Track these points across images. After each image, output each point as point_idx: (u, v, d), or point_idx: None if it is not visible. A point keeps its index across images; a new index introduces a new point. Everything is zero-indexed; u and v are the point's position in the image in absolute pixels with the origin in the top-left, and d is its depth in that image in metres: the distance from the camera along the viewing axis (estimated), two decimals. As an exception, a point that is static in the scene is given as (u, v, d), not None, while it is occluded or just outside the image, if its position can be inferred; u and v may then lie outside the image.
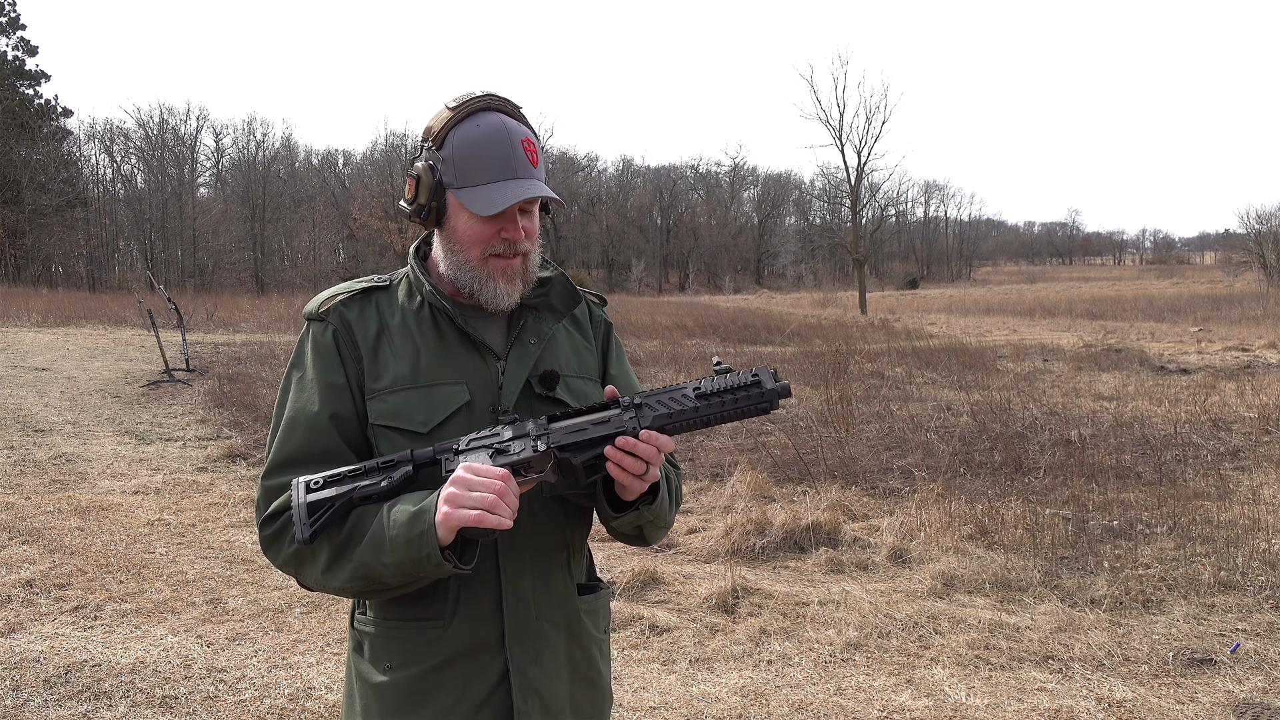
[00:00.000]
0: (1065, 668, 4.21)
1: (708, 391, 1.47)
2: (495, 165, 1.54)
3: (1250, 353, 16.67)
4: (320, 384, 1.57)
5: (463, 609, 1.55)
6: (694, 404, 1.48)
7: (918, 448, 7.93)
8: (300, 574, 1.53)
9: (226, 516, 6.70)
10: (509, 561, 1.57)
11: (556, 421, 1.49)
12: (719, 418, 1.48)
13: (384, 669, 1.57)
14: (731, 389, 1.47)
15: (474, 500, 1.37)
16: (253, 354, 15.93)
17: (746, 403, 1.47)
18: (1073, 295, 42.21)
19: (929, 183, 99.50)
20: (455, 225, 1.58)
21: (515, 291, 1.60)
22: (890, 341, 18.67)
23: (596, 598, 1.71)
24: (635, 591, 5.09)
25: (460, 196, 1.54)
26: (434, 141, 1.57)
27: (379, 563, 1.43)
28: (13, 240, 42.53)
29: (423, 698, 1.55)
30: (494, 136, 1.54)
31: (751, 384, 1.47)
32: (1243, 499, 6.58)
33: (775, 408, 1.48)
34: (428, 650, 1.55)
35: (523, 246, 1.59)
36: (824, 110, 68.17)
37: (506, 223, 1.56)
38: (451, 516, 1.37)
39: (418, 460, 1.46)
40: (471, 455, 1.45)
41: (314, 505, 1.44)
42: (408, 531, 1.40)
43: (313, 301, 1.64)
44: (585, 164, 76.12)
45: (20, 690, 3.96)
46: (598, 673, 1.69)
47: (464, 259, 1.58)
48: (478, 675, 1.56)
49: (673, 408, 1.48)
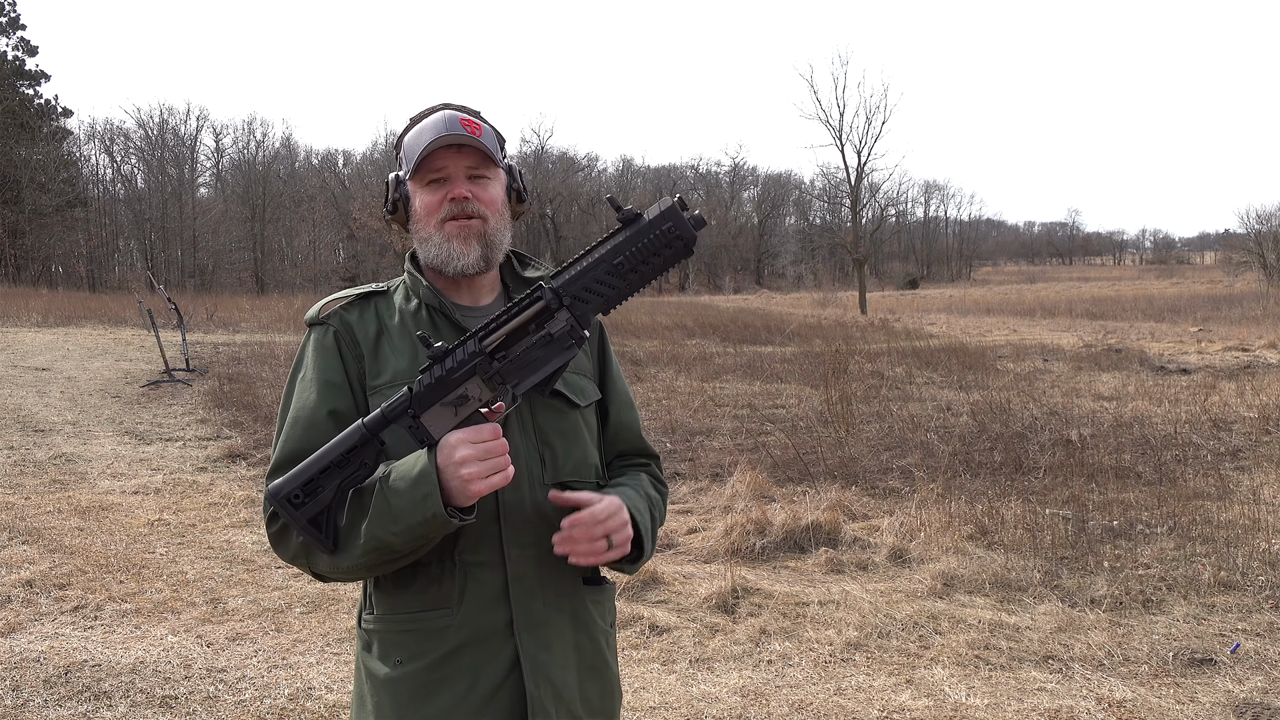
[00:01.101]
0: (1065, 668, 4.21)
1: (628, 259, 1.43)
2: (428, 137, 1.63)
3: (1250, 353, 16.68)
4: (320, 383, 1.62)
5: (469, 595, 1.57)
6: (623, 280, 1.45)
7: (918, 448, 7.93)
8: (312, 562, 1.56)
9: (226, 516, 6.70)
10: (514, 546, 1.59)
11: (494, 346, 1.45)
12: (647, 278, 1.45)
13: (394, 664, 1.59)
14: (646, 239, 1.42)
15: (490, 467, 1.43)
16: (253, 354, 15.93)
17: (670, 253, 1.43)
18: (1073, 295, 42.21)
19: (929, 183, 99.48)
20: (414, 207, 1.68)
21: (471, 252, 1.65)
22: (890, 341, 18.67)
23: (601, 590, 1.72)
24: (635, 591, 5.09)
25: (411, 177, 1.66)
26: (396, 149, 1.73)
27: (388, 532, 1.47)
28: (13, 240, 42.53)
29: (434, 688, 1.56)
30: (432, 121, 1.66)
31: (667, 227, 1.41)
32: (1243, 499, 6.58)
33: (694, 240, 1.43)
34: (436, 640, 1.57)
35: (473, 207, 1.64)
36: (824, 110, 68.04)
37: (450, 187, 1.64)
38: (476, 487, 1.42)
39: (372, 429, 1.46)
40: (433, 414, 1.45)
41: (315, 520, 1.47)
42: (413, 495, 1.44)
43: (313, 308, 1.70)
44: (585, 164, 76.14)
45: (20, 690, 3.96)
46: (605, 664, 1.70)
47: (425, 234, 1.66)
48: (488, 663, 1.57)
49: (605, 292, 1.45)
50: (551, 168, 67.23)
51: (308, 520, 1.46)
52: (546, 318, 1.45)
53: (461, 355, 1.45)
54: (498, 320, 1.46)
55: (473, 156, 1.64)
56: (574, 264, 1.46)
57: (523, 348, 1.46)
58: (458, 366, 1.44)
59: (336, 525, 1.50)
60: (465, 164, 1.64)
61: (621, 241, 1.43)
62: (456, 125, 1.63)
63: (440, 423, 1.45)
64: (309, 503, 1.46)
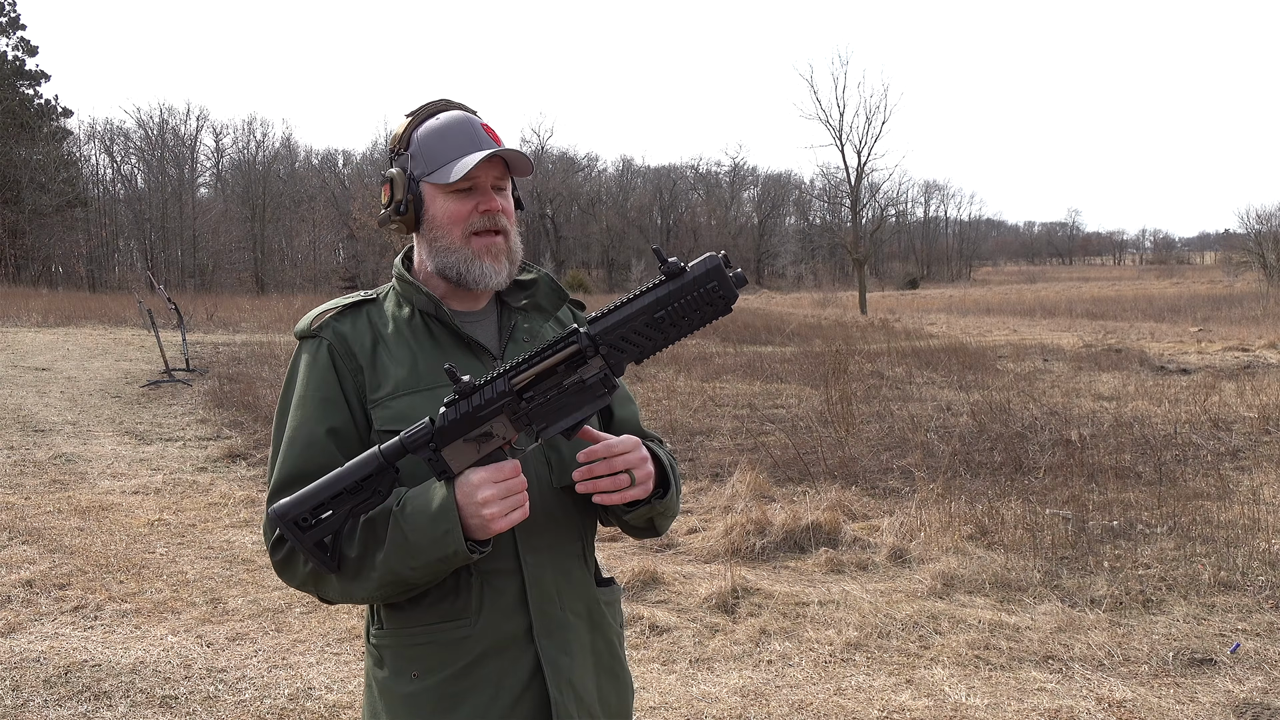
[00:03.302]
0: (1065, 668, 4.21)
1: (669, 314, 1.42)
2: (460, 142, 1.58)
3: (1250, 353, 16.67)
4: (316, 400, 1.58)
5: (488, 604, 1.55)
6: (661, 334, 1.43)
7: (918, 448, 7.92)
8: (321, 590, 1.53)
9: (226, 516, 6.70)
10: (529, 552, 1.57)
11: (524, 386, 1.43)
12: (684, 333, 1.44)
13: (410, 678, 1.55)
14: (689, 296, 1.41)
15: (512, 504, 1.43)
16: (253, 354, 15.94)
17: (710, 310, 1.43)
18: (1073, 295, 42.19)
19: (929, 183, 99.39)
20: (434, 212, 1.60)
21: (503, 270, 1.62)
22: (890, 341, 18.67)
23: (612, 590, 1.72)
24: (635, 591, 5.09)
25: (432, 179, 1.58)
26: (400, 145, 1.63)
27: (406, 567, 1.45)
28: (13, 240, 42.51)
29: (457, 700, 1.54)
30: (454, 121, 1.61)
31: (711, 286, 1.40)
32: (1243, 499, 6.58)
33: (735, 299, 1.43)
34: (455, 651, 1.54)
35: (501, 221, 1.61)
36: (824, 110, 67.85)
37: (481, 196, 1.59)
38: (497, 525, 1.43)
39: (389, 457, 1.44)
40: (455, 448, 1.43)
41: (319, 543, 1.44)
42: (432, 532, 1.43)
43: (303, 319, 1.65)
44: (585, 164, 76.08)
45: (20, 690, 3.96)
46: (621, 666, 1.69)
47: (447, 243, 1.60)
48: (509, 670, 1.55)
49: (641, 343, 1.44)
50: (551, 168, 67.14)
51: (314, 543, 1.43)
52: (579, 362, 1.43)
53: (490, 393, 1.42)
54: (529, 360, 1.43)
55: (500, 167, 1.60)
56: (613, 312, 1.43)
57: (553, 391, 1.44)
58: (485, 405, 1.42)
59: (342, 549, 1.47)
60: (494, 174, 1.60)
61: (664, 295, 1.41)
62: (486, 135, 1.59)
63: (461, 457, 1.43)
64: (317, 526, 1.42)
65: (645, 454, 1.54)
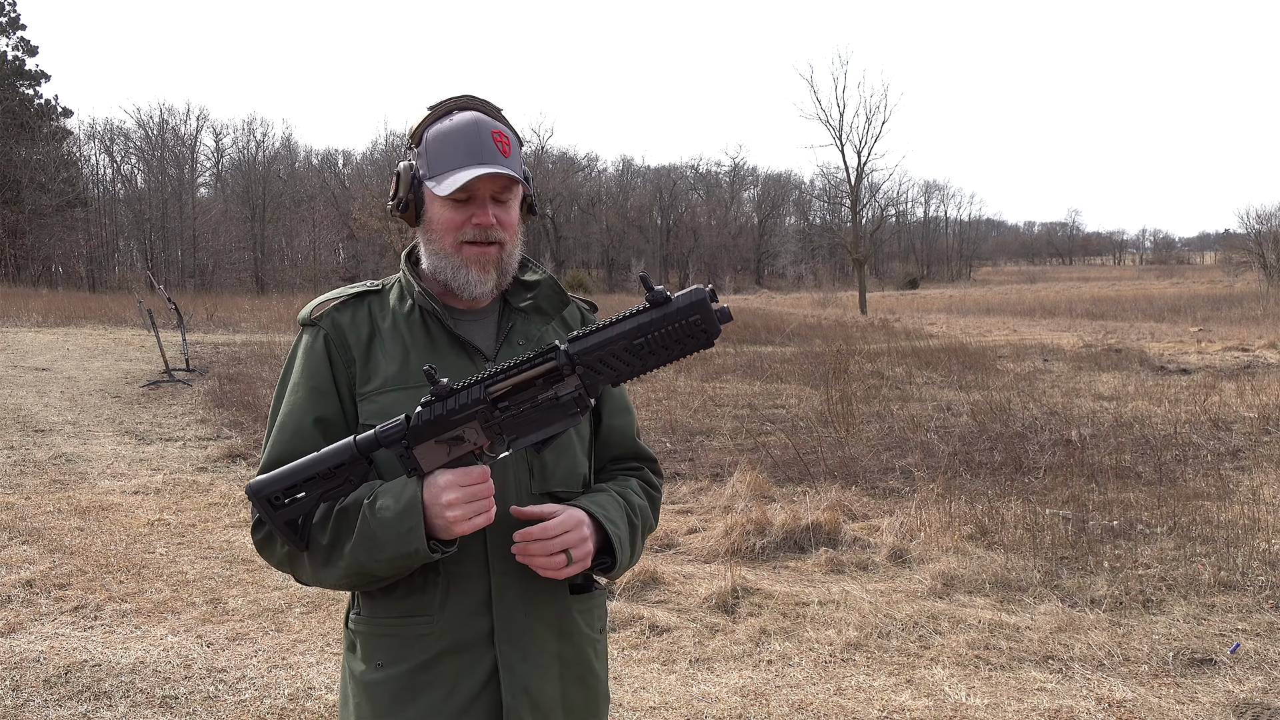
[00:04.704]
0: (1065, 668, 4.21)
1: (648, 342, 1.42)
2: (462, 153, 1.58)
3: (1250, 353, 16.67)
4: (307, 389, 1.62)
5: (452, 604, 1.57)
6: (640, 360, 1.44)
7: (918, 448, 7.92)
8: (296, 572, 1.59)
9: (226, 516, 6.70)
10: (498, 558, 1.58)
11: (499, 395, 1.45)
12: (663, 361, 1.44)
13: (375, 667, 1.59)
14: (671, 326, 1.41)
15: (476, 509, 1.45)
16: (253, 354, 15.94)
17: (691, 343, 1.43)
18: (1073, 295, 42.19)
19: (929, 183, 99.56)
20: (431, 215, 1.63)
21: (489, 280, 1.63)
22: (890, 341, 18.67)
23: (590, 597, 1.71)
24: (635, 591, 5.09)
25: (431, 184, 1.59)
26: (412, 140, 1.64)
27: (371, 560, 1.49)
28: (13, 240, 42.52)
29: (412, 694, 1.57)
30: (463, 127, 1.60)
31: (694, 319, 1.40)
32: (1243, 499, 6.58)
33: (718, 334, 1.43)
34: (417, 646, 1.57)
35: (495, 234, 1.61)
36: (824, 110, 68.11)
37: (476, 209, 1.60)
38: (461, 527, 1.45)
39: (363, 448, 1.47)
40: (427, 448, 1.45)
41: (290, 522, 1.49)
42: (397, 528, 1.46)
43: (306, 307, 1.67)
44: (585, 164, 76.09)
45: (20, 690, 3.96)
46: (591, 672, 1.69)
47: (439, 247, 1.62)
48: (466, 672, 1.57)
49: (619, 367, 1.44)
50: (551, 168, 67.11)
51: (284, 521, 1.49)
52: (556, 379, 1.44)
53: (465, 399, 1.44)
54: (507, 370, 1.45)
55: (502, 180, 1.60)
56: (594, 333, 1.44)
57: (528, 404, 1.45)
58: (459, 409, 1.44)
59: (315, 535, 1.52)
60: (493, 187, 1.60)
61: (646, 323, 1.42)
62: (491, 145, 1.58)
63: (432, 457, 1.46)
64: (288, 505, 1.48)
65: (585, 533, 1.55)
